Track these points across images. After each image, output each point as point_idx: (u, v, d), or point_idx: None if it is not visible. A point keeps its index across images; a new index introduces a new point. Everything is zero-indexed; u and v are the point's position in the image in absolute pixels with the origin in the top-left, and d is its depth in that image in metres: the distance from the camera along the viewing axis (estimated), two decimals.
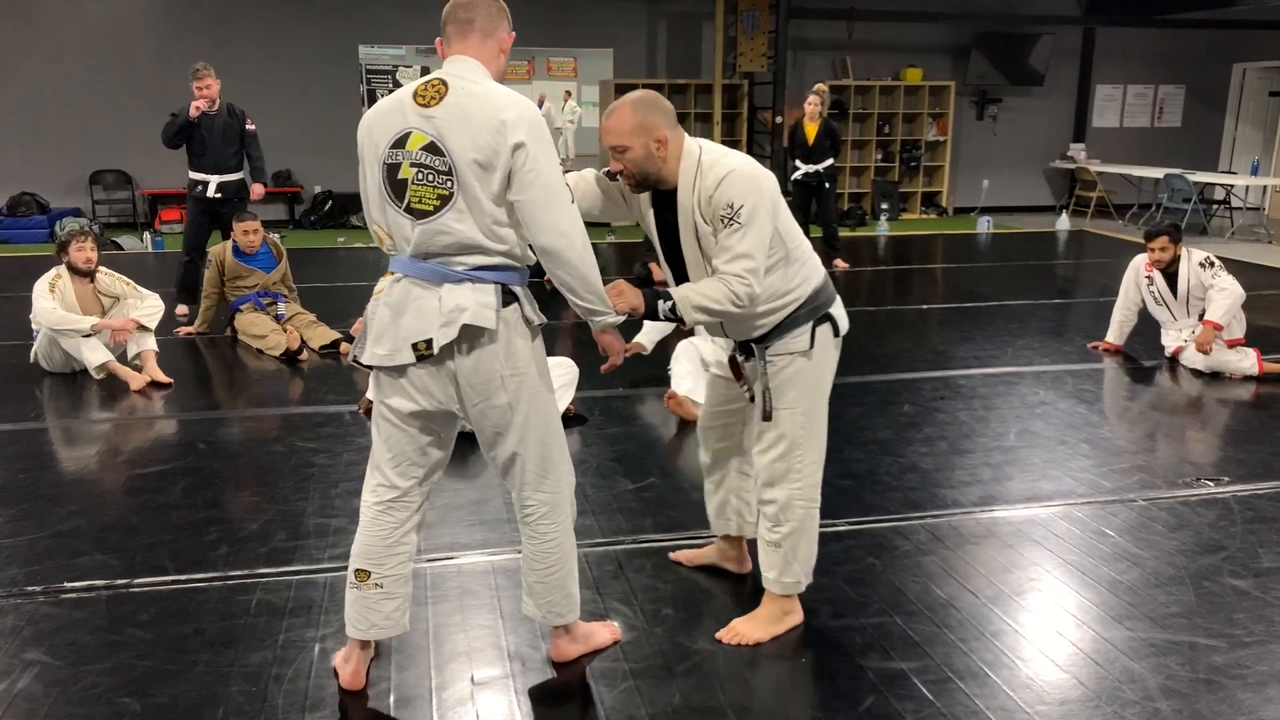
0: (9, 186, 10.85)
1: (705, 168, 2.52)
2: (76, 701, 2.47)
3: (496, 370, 2.33)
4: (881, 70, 12.90)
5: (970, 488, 3.87)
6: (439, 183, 2.22)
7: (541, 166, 2.21)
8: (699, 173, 2.52)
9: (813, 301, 2.66)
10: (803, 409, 2.69)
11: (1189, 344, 5.55)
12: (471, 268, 2.28)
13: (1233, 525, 3.54)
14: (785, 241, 2.59)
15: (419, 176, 2.23)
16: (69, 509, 3.65)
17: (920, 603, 2.98)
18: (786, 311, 2.64)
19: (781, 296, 2.62)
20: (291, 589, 3.05)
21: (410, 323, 2.29)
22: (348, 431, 4.53)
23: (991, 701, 2.49)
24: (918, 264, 9.67)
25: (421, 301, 2.28)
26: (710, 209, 2.50)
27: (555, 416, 2.52)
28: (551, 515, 2.53)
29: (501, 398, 2.36)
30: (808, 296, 2.65)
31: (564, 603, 2.60)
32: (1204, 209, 11.92)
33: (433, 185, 2.22)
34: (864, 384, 5.23)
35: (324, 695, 2.51)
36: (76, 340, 5.21)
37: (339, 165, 11.79)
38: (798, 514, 2.75)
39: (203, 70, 6.48)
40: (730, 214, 2.46)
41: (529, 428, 2.43)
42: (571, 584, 2.60)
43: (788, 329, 2.65)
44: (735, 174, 2.48)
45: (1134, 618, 2.90)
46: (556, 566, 2.56)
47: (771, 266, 2.56)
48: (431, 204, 2.23)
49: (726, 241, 2.49)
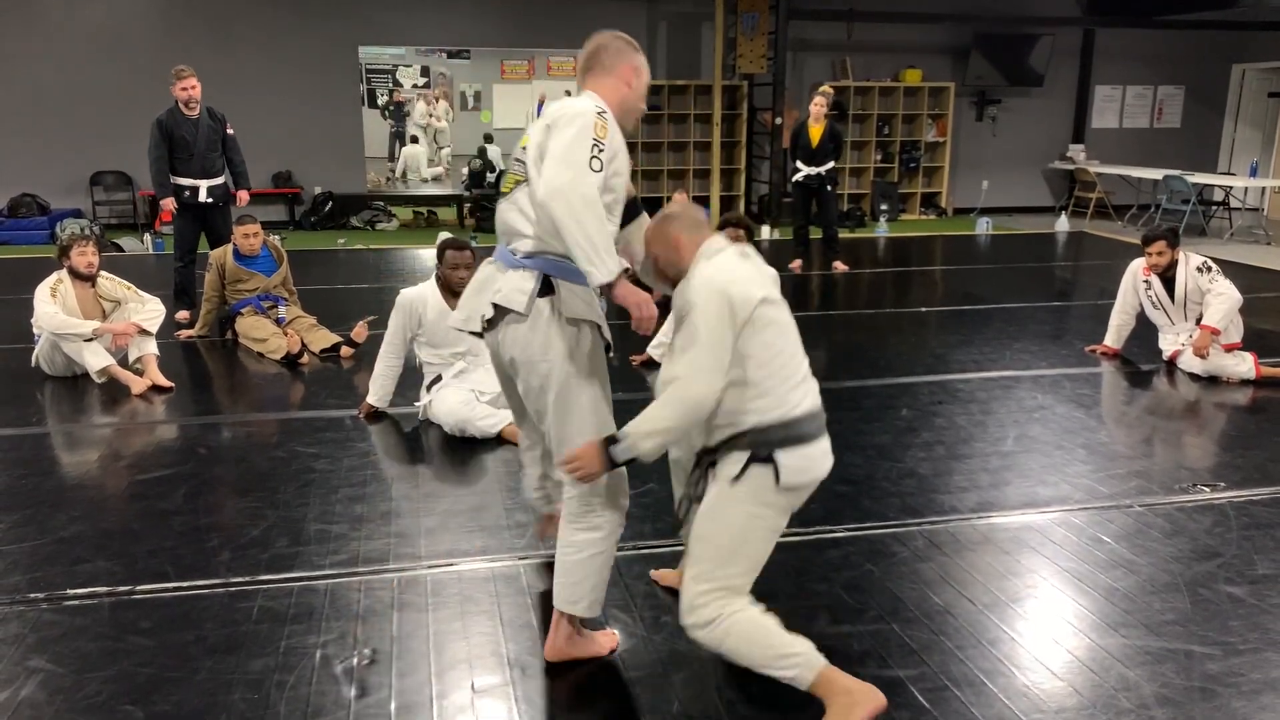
0: (10, 187, 10.87)
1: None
2: (80, 709, 2.49)
3: (531, 354, 2.55)
4: (881, 71, 12.91)
5: (968, 493, 3.89)
6: (518, 170, 2.60)
7: (563, 138, 2.42)
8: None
9: (761, 434, 2.41)
10: (711, 535, 2.47)
11: (1187, 348, 5.57)
12: (522, 254, 2.56)
13: (1229, 531, 3.56)
14: (749, 367, 2.40)
15: (513, 167, 2.64)
16: (71, 515, 3.66)
17: (918, 610, 3.00)
18: (729, 433, 2.46)
19: (730, 415, 2.44)
20: (293, 595, 3.07)
21: (479, 298, 2.64)
22: (348, 436, 4.55)
23: (988, 710, 2.51)
24: (916, 266, 9.68)
25: (490, 281, 2.63)
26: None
27: (584, 415, 2.56)
28: (579, 505, 2.61)
29: (534, 380, 2.58)
30: (752, 426, 2.42)
31: (572, 590, 2.64)
32: (1203, 210, 11.94)
33: (515, 173, 2.62)
34: (862, 388, 5.24)
35: (325, 702, 2.53)
36: (78, 344, 5.23)
37: (339, 166, 11.83)
38: (719, 633, 2.46)
39: (185, 71, 6.51)
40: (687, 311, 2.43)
41: (558, 416, 2.58)
42: (586, 578, 2.63)
43: (728, 449, 2.46)
44: (702, 280, 2.43)
45: (1130, 625, 2.92)
46: (572, 552, 2.63)
47: (730, 383, 2.40)
48: (508, 187, 2.63)
49: (678, 341, 2.45)
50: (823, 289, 8.21)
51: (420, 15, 11.52)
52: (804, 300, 7.67)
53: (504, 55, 12.03)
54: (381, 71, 11.94)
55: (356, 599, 3.05)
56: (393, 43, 11.71)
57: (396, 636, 2.84)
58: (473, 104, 18.43)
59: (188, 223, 6.73)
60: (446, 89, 17.71)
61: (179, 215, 6.69)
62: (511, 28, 11.75)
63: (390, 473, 4.13)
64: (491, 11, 11.73)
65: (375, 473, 4.12)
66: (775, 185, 11.73)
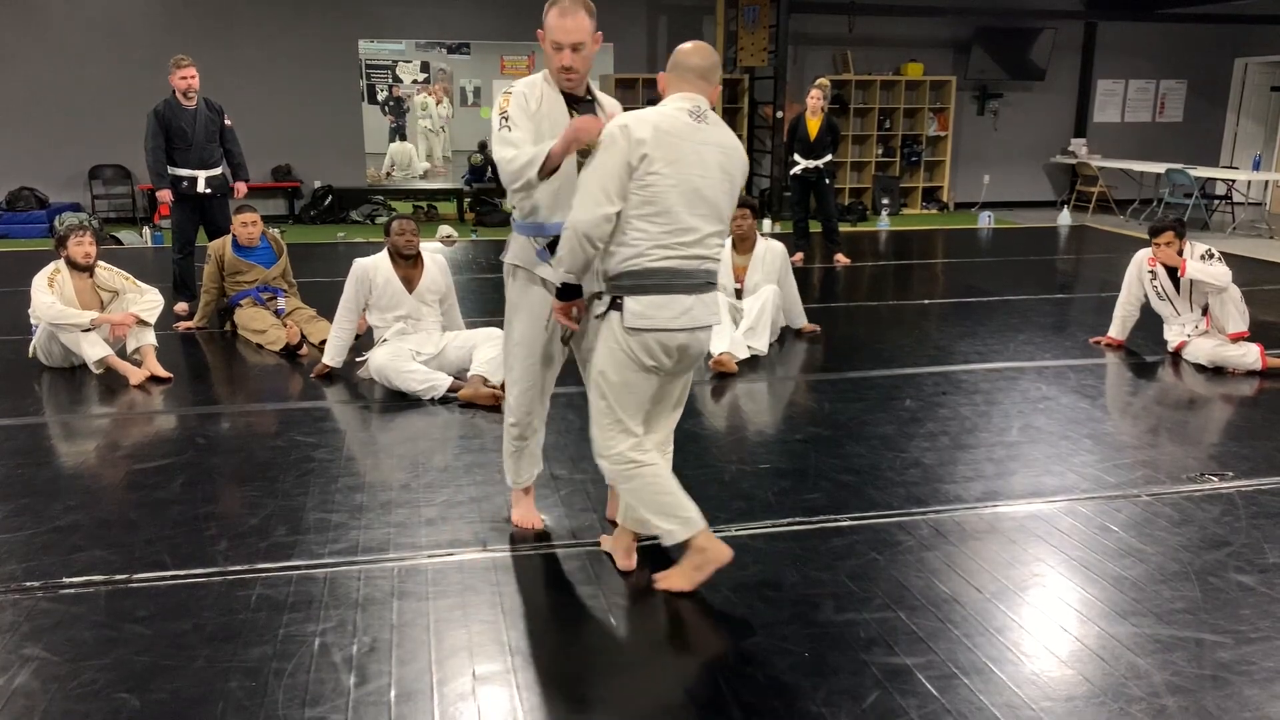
0: (8, 181, 10.83)
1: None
2: (75, 697, 2.46)
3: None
4: (882, 65, 12.87)
5: (973, 483, 3.85)
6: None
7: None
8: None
9: (618, 279, 2.79)
10: (594, 379, 2.94)
11: (1192, 339, 5.53)
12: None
13: (1237, 521, 3.52)
14: (627, 206, 2.73)
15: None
16: (68, 504, 3.63)
17: (924, 598, 2.97)
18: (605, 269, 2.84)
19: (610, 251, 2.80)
20: (291, 584, 3.03)
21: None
22: (347, 426, 4.51)
23: (996, 697, 2.48)
24: (919, 259, 9.64)
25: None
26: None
27: (510, 345, 3.21)
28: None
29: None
30: (615, 271, 2.78)
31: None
32: (1205, 204, 11.90)
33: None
34: (865, 379, 5.20)
35: (324, 690, 2.49)
36: (76, 335, 5.19)
37: (339, 160, 11.79)
38: (619, 477, 2.95)
39: (185, 60, 6.47)
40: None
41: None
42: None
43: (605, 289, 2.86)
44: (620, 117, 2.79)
45: (1139, 613, 2.88)
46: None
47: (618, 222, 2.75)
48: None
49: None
50: (824, 282, 8.16)
51: (420, 9, 11.46)
52: (806, 293, 7.59)
53: (504, 50, 11.98)
54: (381, 66, 11.94)
55: (356, 587, 3.02)
56: (392, 36, 11.66)
57: (396, 625, 2.80)
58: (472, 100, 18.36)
59: (186, 214, 6.68)
60: (447, 85, 17.68)
61: (177, 207, 6.65)
62: (511, 21, 11.69)
63: (390, 463, 4.10)
64: (491, 4, 11.68)
65: (375, 463, 4.09)
66: (776, 179, 11.69)
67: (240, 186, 6.82)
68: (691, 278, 2.81)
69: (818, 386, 5.08)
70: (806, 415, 4.66)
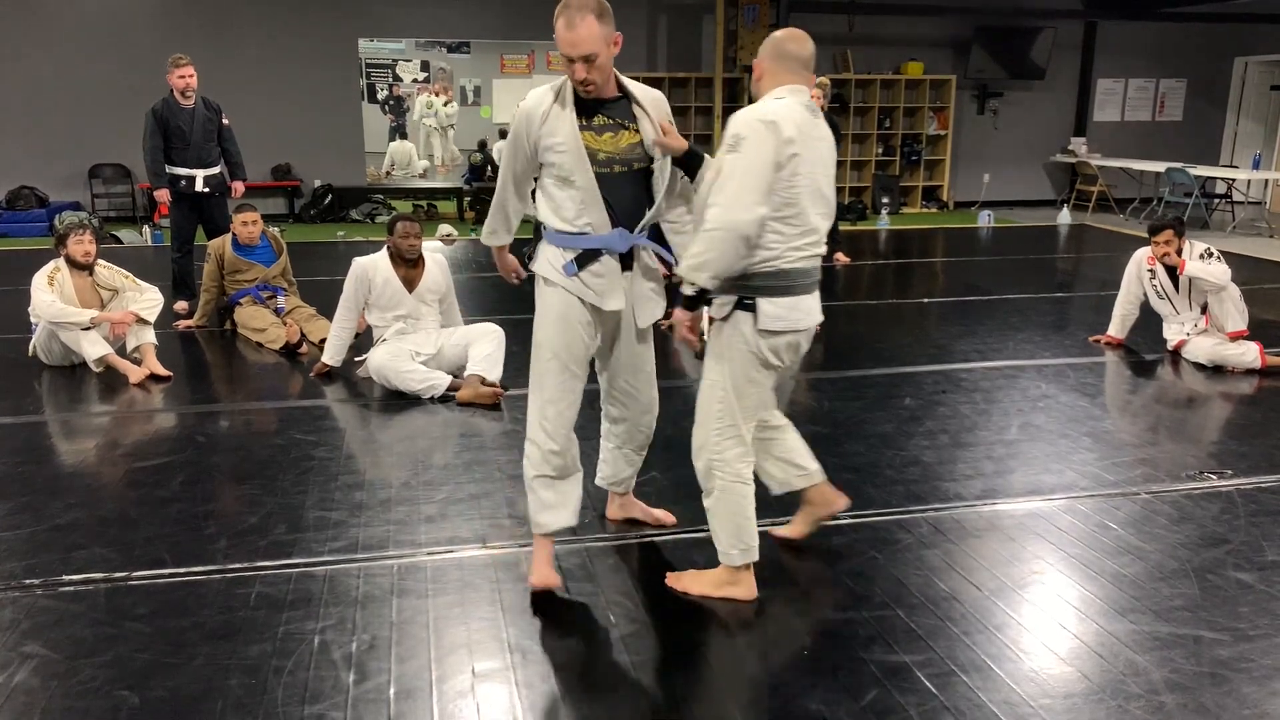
0: (8, 180, 10.82)
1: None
2: (74, 695, 2.46)
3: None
4: (882, 64, 12.87)
5: (972, 481, 3.86)
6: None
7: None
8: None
9: (748, 280, 2.71)
10: (712, 380, 2.83)
11: (1191, 337, 5.53)
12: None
13: (1236, 519, 3.53)
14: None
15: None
16: (67, 502, 3.63)
17: (922, 596, 2.97)
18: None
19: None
20: (291, 582, 3.03)
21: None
22: (347, 424, 4.52)
23: (995, 695, 2.48)
24: (918, 258, 9.64)
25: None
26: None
27: (541, 361, 2.91)
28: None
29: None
30: (747, 272, 2.70)
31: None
32: (1205, 203, 11.90)
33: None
34: (865, 378, 5.20)
35: (324, 687, 2.50)
36: (75, 333, 5.19)
37: (338, 159, 11.78)
38: (715, 483, 2.84)
39: (183, 59, 6.47)
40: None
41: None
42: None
43: (722, 290, 2.74)
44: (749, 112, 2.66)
45: (1138, 611, 2.88)
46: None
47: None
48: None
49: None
50: (824, 281, 8.15)
51: (420, 8, 11.45)
52: None
53: (504, 48, 11.96)
54: (381, 65, 11.93)
55: (355, 585, 3.02)
56: (392, 35, 11.66)
57: (396, 622, 2.81)
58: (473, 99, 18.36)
59: (184, 213, 6.69)
60: (447, 84, 17.68)
61: (176, 205, 6.65)
62: (511, 20, 11.69)
63: (390, 461, 4.10)
64: (491, 3, 11.68)
65: (374, 460, 4.09)
66: None
67: (238, 186, 6.83)
68: (812, 275, 2.84)
69: (817, 385, 5.07)
70: (806, 413, 4.66)
